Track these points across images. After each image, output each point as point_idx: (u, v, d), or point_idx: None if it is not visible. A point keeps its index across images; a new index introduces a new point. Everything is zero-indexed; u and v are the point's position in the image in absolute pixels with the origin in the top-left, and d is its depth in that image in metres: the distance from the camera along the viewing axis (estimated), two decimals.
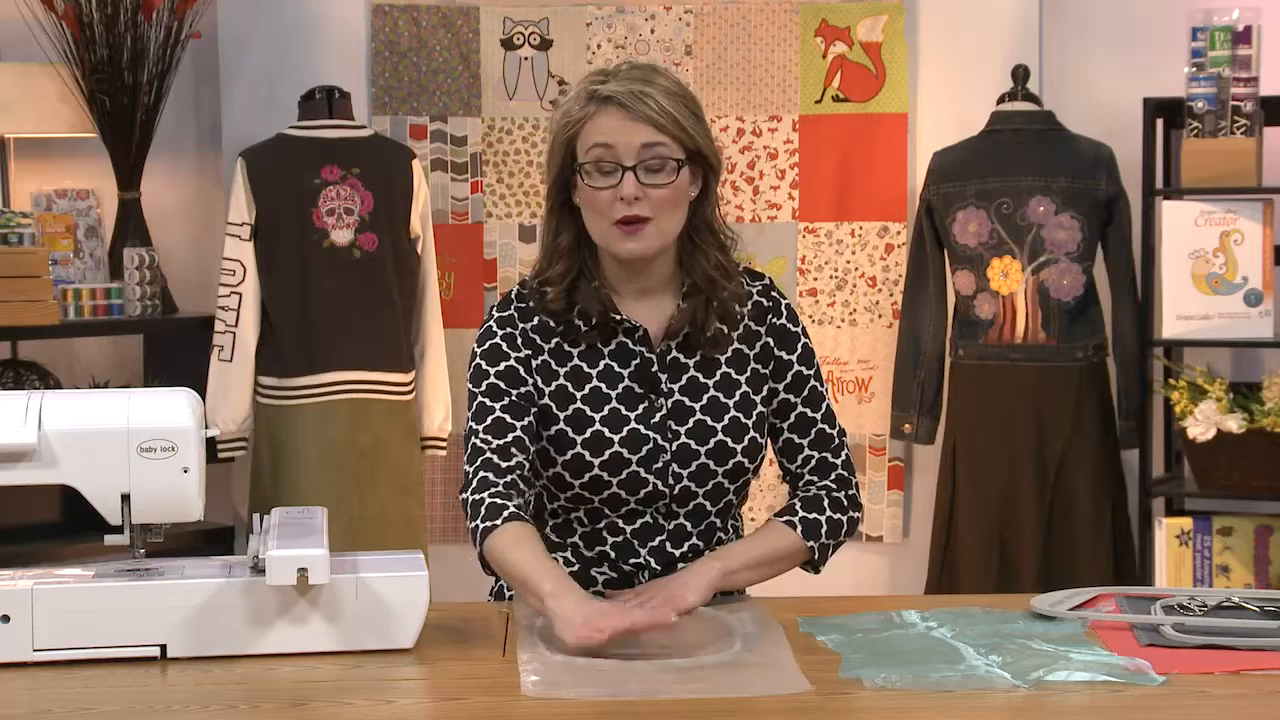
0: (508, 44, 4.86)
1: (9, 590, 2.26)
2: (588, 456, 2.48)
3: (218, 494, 4.56)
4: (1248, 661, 2.21)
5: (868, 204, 4.88)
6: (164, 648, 2.27)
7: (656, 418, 2.51)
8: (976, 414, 4.58)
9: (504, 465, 2.44)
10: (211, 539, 4.51)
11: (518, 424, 2.46)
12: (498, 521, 2.39)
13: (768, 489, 4.58)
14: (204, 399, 2.96)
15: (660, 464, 2.50)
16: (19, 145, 4.73)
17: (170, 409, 2.33)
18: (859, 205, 4.88)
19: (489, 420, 2.47)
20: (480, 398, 2.49)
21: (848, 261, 4.89)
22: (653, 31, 4.86)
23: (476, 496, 2.43)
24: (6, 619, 2.25)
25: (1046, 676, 2.14)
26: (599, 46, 4.85)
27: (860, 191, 4.88)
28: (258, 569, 2.29)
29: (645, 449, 2.49)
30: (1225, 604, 2.43)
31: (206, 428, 2.36)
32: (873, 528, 4.92)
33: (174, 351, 4.73)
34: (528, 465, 2.48)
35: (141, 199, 4.66)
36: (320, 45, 4.77)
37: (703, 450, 2.51)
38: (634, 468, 2.49)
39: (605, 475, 2.49)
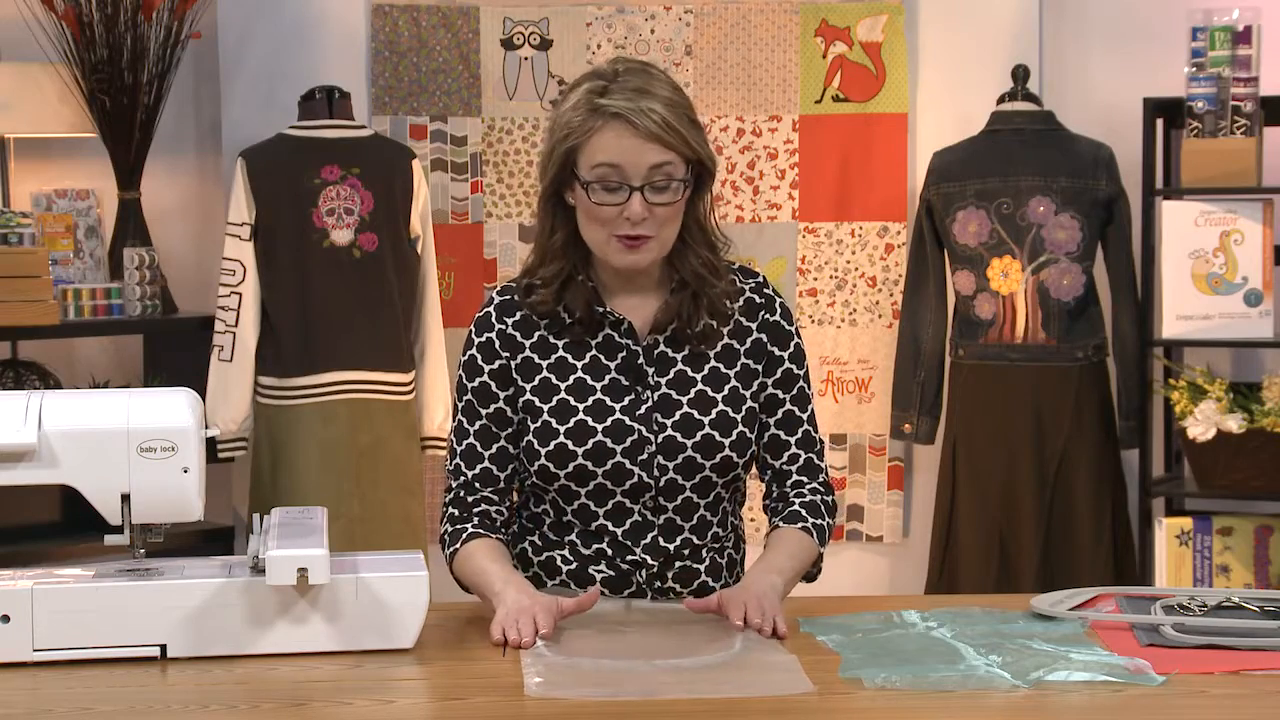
0: (508, 44, 4.85)
1: (9, 590, 2.26)
2: (570, 446, 2.49)
3: (218, 494, 4.56)
4: (1248, 661, 2.21)
5: (868, 204, 4.88)
6: (164, 648, 2.27)
7: (642, 409, 2.52)
8: (976, 414, 4.58)
9: (469, 499, 2.56)
10: (211, 539, 4.51)
11: (487, 451, 2.55)
12: (457, 545, 2.52)
13: None
14: (204, 399, 2.96)
15: (645, 455, 2.50)
16: (19, 145, 4.72)
17: (170, 409, 2.33)
18: (859, 205, 4.88)
19: (464, 445, 2.57)
20: (459, 415, 2.58)
21: (848, 261, 4.89)
22: (653, 31, 4.86)
23: (443, 530, 2.57)
24: (6, 619, 2.25)
25: (1046, 676, 2.14)
26: (599, 46, 4.85)
27: (860, 191, 4.88)
28: (258, 569, 2.29)
29: (630, 439, 2.50)
30: (1225, 604, 2.43)
31: (206, 428, 2.36)
32: (873, 528, 4.92)
33: (174, 351, 4.73)
34: (503, 480, 2.56)
35: (141, 199, 4.66)
36: (320, 45, 4.77)
37: (689, 443, 2.51)
38: (619, 458, 2.50)
39: (590, 465, 2.50)
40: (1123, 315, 4.57)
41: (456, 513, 2.55)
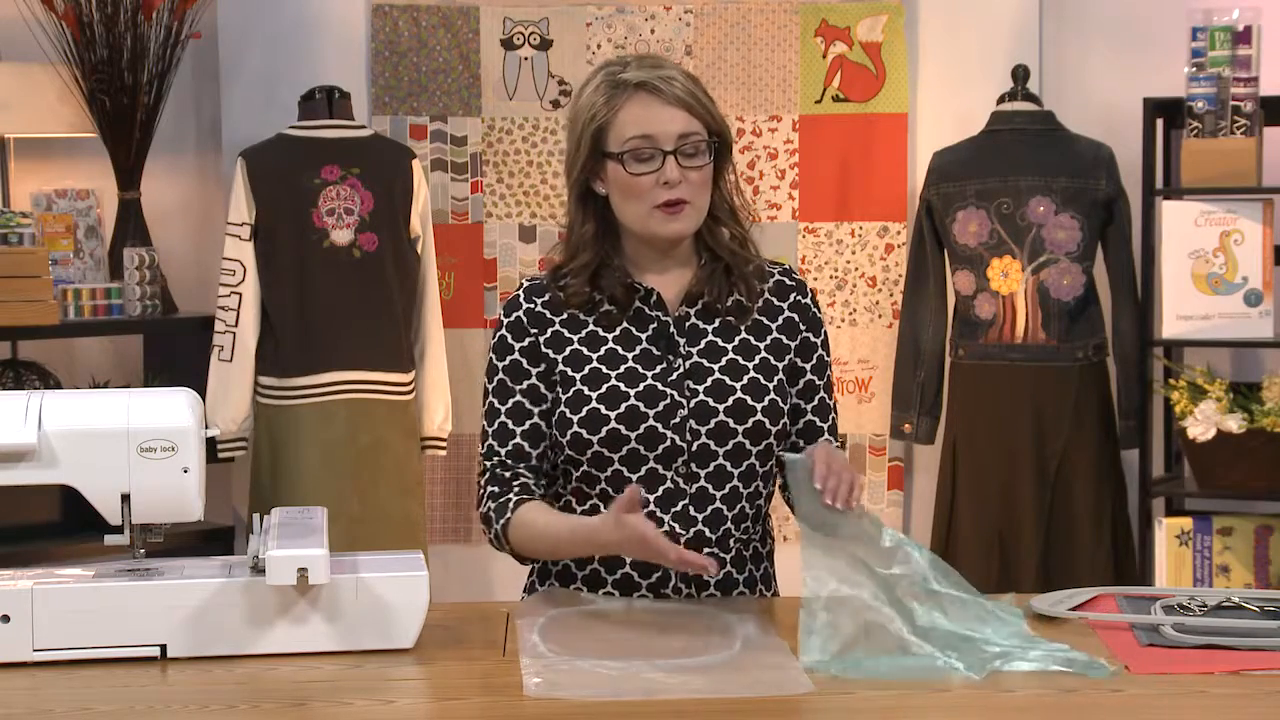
0: (508, 44, 4.85)
1: (9, 590, 2.26)
2: (603, 410, 2.52)
3: (218, 494, 4.56)
4: (1248, 661, 2.21)
5: (868, 204, 4.88)
6: (164, 648, 2.27)
7: (674, 376, 2.55)
8: (976, 414, 4.58)
9: (505, 475, 2.56)
10: (211, 539, 4.51)
11: (520, 428, 2.56)
12: (509, 514, 2.51)
13: None
14: (204, 399, 2.97)
15: (678, 419, 2.53)
16: (19, 145, 4.72)
17: (170, 409, 2.33)
18: (859, 205, 4.88)
19: (496, 424, 2.58)
20: (490, 397, 2.60)
21: (848, 261, 4.89)
22: (653, 31, 4.86)
23: (485, 509, 2.57)
24: (6, 619, 2.25)
25: (1004, 667, 2.16)
26: (599, 46, 4.85)
27: (860, 191, 4.88)
28: (258, 569, 2.29)
29: (662, 404, 2.53)
30: (1225, 604, 2.43)
31: (206, 428, 2.36)
32: None
33: (174, 351, 4.73)
34: (535, 458, 2.57)
35: (141, 199, 4.66)
36: (320, 45, 4.77)
37: (721, 408, 2.54)
38: (651, 422, 2.52)
39: (623, 429, 2.51)
40: (1123, 315, 4.57)
41: (496, 489, 2.55)
